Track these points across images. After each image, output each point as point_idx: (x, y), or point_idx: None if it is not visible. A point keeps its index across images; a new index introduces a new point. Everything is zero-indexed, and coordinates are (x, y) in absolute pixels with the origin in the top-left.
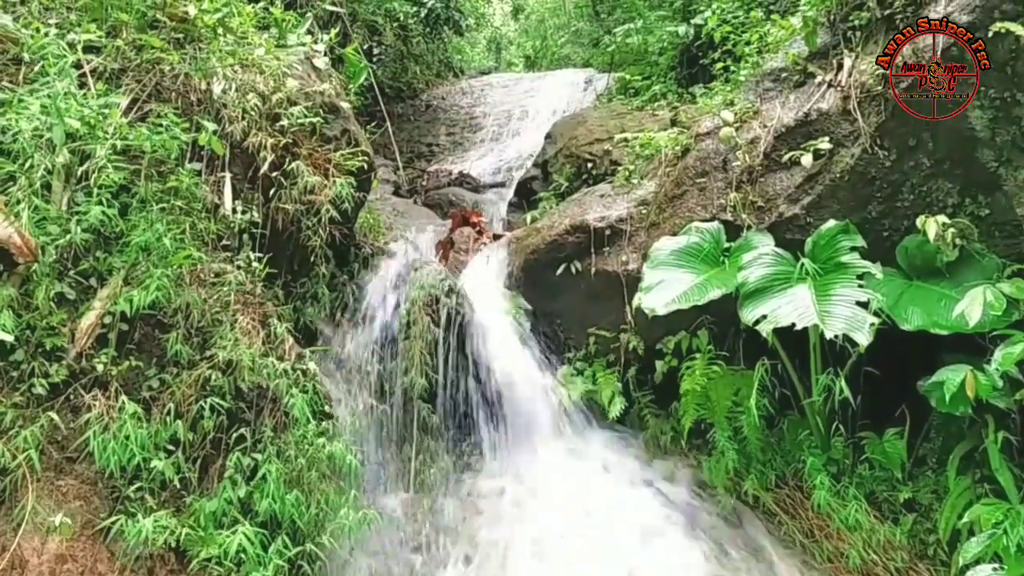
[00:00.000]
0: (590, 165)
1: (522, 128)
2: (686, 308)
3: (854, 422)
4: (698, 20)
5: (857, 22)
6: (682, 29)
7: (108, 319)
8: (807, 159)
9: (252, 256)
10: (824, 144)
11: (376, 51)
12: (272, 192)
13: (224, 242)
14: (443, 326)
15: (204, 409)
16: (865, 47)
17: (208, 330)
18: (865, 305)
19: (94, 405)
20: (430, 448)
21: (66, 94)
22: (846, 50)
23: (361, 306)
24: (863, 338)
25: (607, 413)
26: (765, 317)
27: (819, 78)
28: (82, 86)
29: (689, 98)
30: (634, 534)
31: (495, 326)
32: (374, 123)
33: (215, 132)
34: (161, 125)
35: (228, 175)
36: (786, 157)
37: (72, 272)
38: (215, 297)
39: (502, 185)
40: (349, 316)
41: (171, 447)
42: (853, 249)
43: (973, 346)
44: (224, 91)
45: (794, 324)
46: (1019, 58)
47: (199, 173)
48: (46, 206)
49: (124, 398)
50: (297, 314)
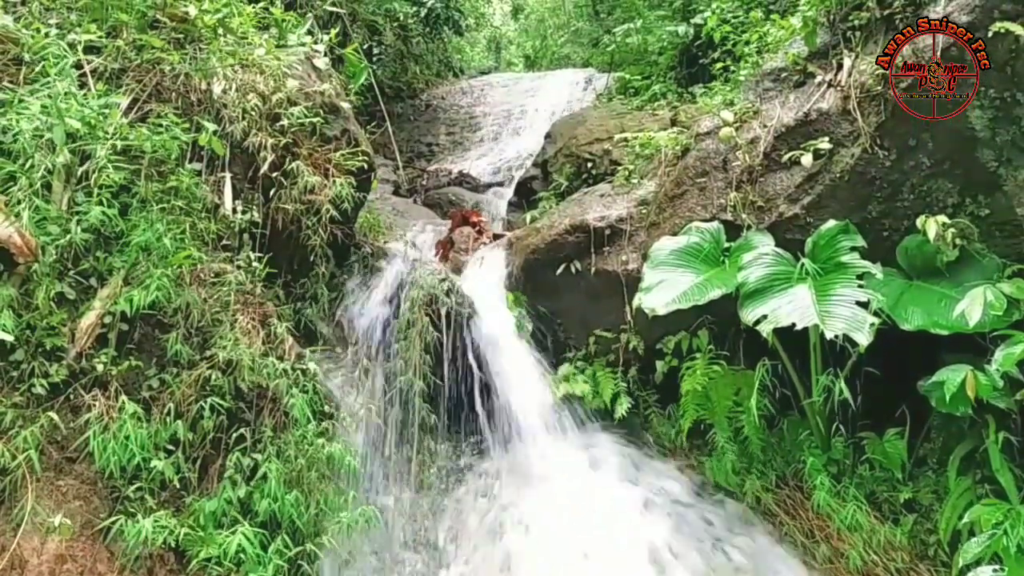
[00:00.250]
0: (590, 165)
1: (522, 128)
2: (686, 308)
3: (854, 422)
4: (698, 20)
5: (857, 22)
6: (682, 29)
7: (108, 319)
8: (807, 159)
9: (252, 256)
10: (824, 144)
11: (376, 51)
12: (272, 192)
13: (224, 242)
14: (443, 326)
15: (204, 409)
16: (865, 47)
17: (208, 330)
18: (865, 305)
19: (94, 405)
20: (430, 448)
21: (66, 94)
22: (846, 50)
23: (361, 306)
24: (863, 338)
25: (608, 413)
26: (765, 317)
27: (819, 78)
28: (82, 86)
29: (689, 98)
30: (634, 534)
31: (495, 326)
32: (374, 123)
33: (215, 132)
34: (161, 125)
35: (228, 175)
36: (786, 157)
37: (72, 272)
38: (215, 297)
39: (502, 185)
40: (349, 316)
41: (171, 447)
42: (853, 249)
43: (973, 346)
44: (224, 91)
45: (794, 324)
46: (1019, 58)
47: (199, 173)
48: (46, 206)
49: (124, 398)
50: (297, 314)
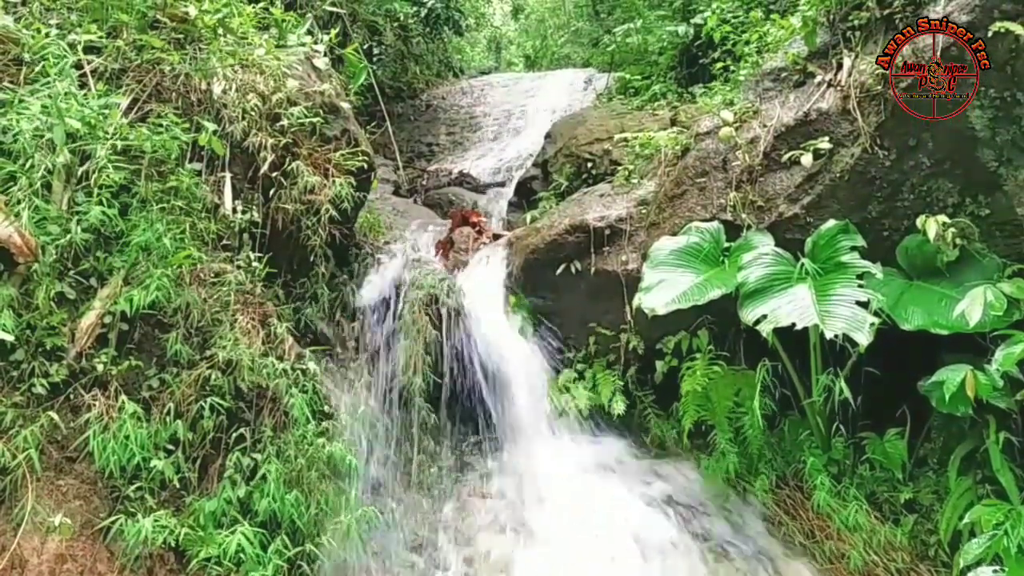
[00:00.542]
0: (590, 165)
1: (522, 128)
2: (686, 308)
3: (854, 422)
4: (698, 20)
5: (857, 22)
6: (682, 29)
7: (108, 319)
8: (807, 159)
9: (252, 256)
10: (824, 144)
11: (376, 51)
12: (272, 192)
13: (224, 242)
14: (442, 326)
15: (204, 409)
16: (865, 47)
17: (208, 330)
18: (865, 305)
19: (94, 405)
20: (430, 448)
21: (67, 94)
22: (846, 50)
23: (361, 305)
24: (863, 338)
25: (608, 413)
26: (765, 317)
27: (819, 78)
28: (82, 86)
29: (689, 98)
30: (635, 535)
31: (495, 326)
32: (374, 123)
33: (215, 132)
34: (161, 125)
35: (228, 175)
36: (786, 157)
37: (72, 272)
38: (215, 297)
39: (502, 185)
40: (349, 316)
41: (171, 447)
42: (853, 249)
43: (974, 346)
44: (224, 91)
45: (794, 324)
46: (1019, 58)
47: (199, 173)
48: (46, 206)
49: (124, 398)
50: (297, 314)
